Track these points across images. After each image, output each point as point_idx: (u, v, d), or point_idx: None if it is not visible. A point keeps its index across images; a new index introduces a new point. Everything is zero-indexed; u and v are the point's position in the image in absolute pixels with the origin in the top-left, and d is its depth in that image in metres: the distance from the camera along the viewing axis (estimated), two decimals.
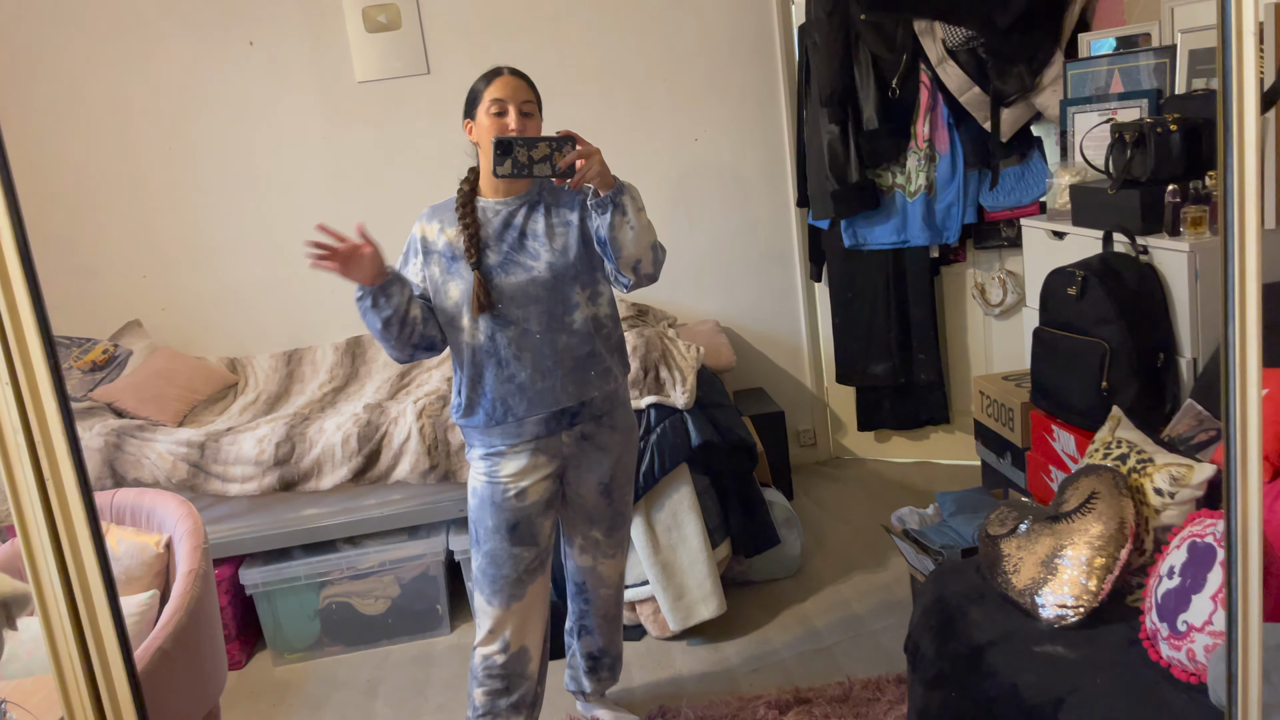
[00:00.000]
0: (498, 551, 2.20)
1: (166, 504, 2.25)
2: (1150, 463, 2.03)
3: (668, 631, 2.94)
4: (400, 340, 2.09)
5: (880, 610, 2.99)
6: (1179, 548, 1.83)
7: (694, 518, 2.89)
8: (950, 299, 3.94)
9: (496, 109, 2.06)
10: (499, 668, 2.25)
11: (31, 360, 0.98)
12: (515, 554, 2.20)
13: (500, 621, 2.23)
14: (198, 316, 3.89)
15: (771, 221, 4.07)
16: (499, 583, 2.21)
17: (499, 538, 2.19)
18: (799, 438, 4.22)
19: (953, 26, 3.36)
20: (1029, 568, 2.03)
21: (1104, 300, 2.41)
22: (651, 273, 2.10)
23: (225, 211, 3.83)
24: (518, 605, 2.23)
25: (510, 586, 2.21)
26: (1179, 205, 2.37)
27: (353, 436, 3.01)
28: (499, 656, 2.24)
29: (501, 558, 2.20)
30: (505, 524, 2.18)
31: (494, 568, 2.20)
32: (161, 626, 1.82)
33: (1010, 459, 2.95)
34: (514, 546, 2.19)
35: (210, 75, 3.73)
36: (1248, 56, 1.06)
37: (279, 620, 3.08)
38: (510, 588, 2.21)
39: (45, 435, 1.00)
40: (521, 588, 2.22)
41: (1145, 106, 2.74)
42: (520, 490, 2.18)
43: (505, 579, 2.21)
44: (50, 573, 1.04)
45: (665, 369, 3.06)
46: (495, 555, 2.20)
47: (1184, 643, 1.72)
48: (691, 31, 3.89)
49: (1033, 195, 3.50)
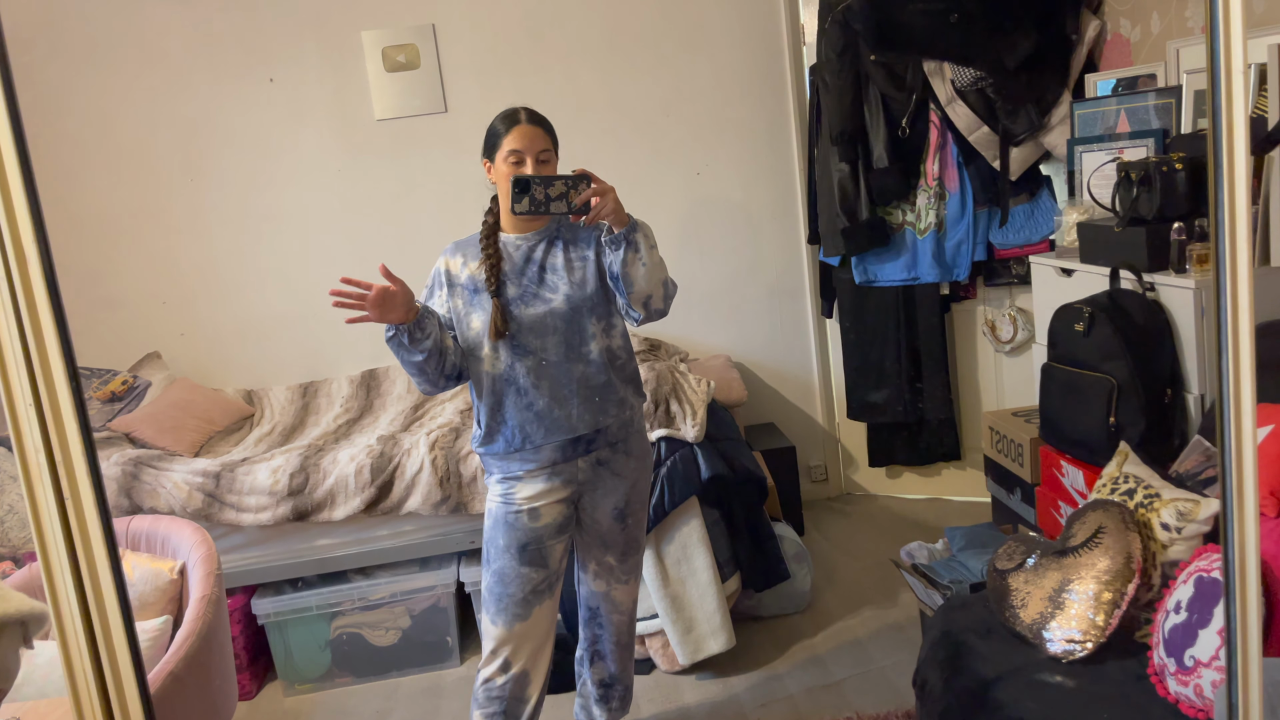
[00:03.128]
0: (506, 570, 2.22)
1: (181, 531, 2.28)
2: (1157, 498, 2.04)
3: (677, 665, 2.94)
4: (435, 372, 2.15)
5: (890, 646, 2.98)
6: (1186, 583, 1.83)
7: (704, 551, 2.90)
8: (961, 336, 3.96)
9: (514, 159, 2.13)
10: (498, 689, 2.25)
11: (55, 384, 1.01)
12: (523, 574, 2.22)
13: (502, 641, 2.24)
14: (216, 349, 3.94)
15: (783, 258, 4.11)
16: (504, 601, 2.23)
17: (508, 556, 2.22)
18: (810, 473, 4.22)
19: (962, 67, 3.40)
20: (1036, 602, 2.03)
21: (1111, 336, 2.42)
22: (662, 308, 2.17)
23: (245, 246, 3.90)
24: (521, 626, 2.24)
25: (515, 606, 2.22)
26: (1185, 243, 2.39)
27: (365, 468, 3.04)
28: (499, 678, 2.25)
29: (509, 576, 2.22)
30: (516, 543, 2.21)
31: (500, 586, 2.23)
32: (174, 651, 1.85)
33: (1020, 495, 2.95)
34: (522, 566, 2.22)
35: (232, 113, 3.81)
36: (1237, 96, 1.08)
37: (290, 650, 3.09)
38: (515, 607, 2.23)
39: (67, 458, 1.03)
40: (527, 608, 2.23)
41: (1151, 146, 2.77)
42: (534, 510, 2.21)
43: (511, 598, 2.22)
44: (69, 596, 1.07)
45: (676, 402, 3.08)
46: (503, 574, 2.22)
47: (1191, 678, 1.72)
48: (704, 71, 3.95)
49: (1042, 233, 3.52)
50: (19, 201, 0.98)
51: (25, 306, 1.00)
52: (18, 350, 1.01)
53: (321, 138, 3.86)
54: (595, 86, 3.93)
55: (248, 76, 3.80)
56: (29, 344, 1.00)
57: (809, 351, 4.18)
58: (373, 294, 1.98)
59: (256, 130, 3.84)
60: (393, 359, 3.94)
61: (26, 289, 1.00)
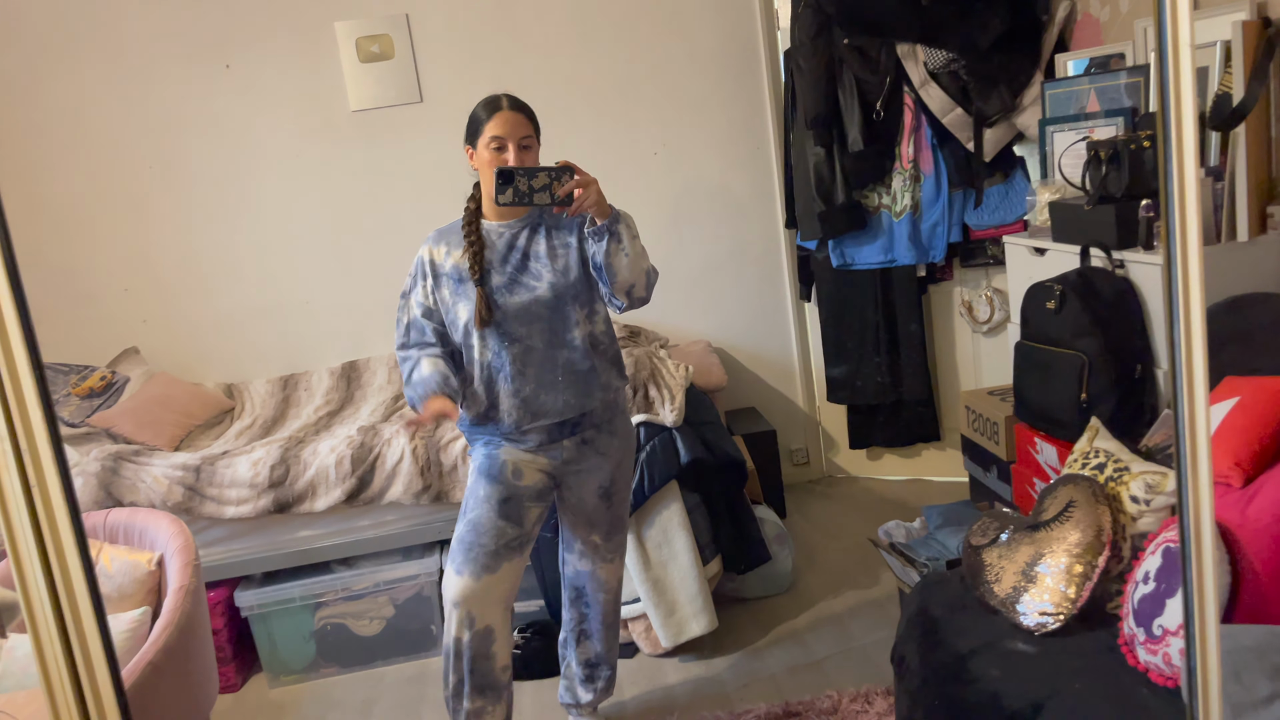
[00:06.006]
0: (482, 520, 2.23)
1: (158, 523, 2.28)
2: (1127, 471, 2.06)
3: (659, 648, 2.96)
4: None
5: (871, 625, 3.01)
6: (1154, 553, 1.86)
7: (684, 534, 2.92)
8: (938, 317, 3.98)
9: (496, 145, 2.15)
10: (464, 646, 2.25)
11: (18, 372, 1.01)
12: (499, 526, 2.24)
13: (467, 593, 2.22)
14: (194, 342, 3.93)
15: (761, 242, 4.12)
16: (475, 550, 2.23)
17: (486, 507, 2.24)
18: (791, 456, 4.25)
19: (934, 49, 3.42)
20: (1010, 576, 2.06)
21: (1082, 313, 2.45)
22: (644, 296, 2.22)
23: (222, 238, 3.89)
24: (488, 579, 2.23)
25: (486, 557, 2.23)
26: (1153, 220, 2.41)
27: (346, 459, 3.04)
28: (464, 633, 2.24)
29: (485, 526, 2.23)
30: (496, 495, 2.24)
31: (473, 535, 2.23)
32: (152, 642, 1.85)
33: (996, 473, 2.98)
34: (500, 519, 2.24)
35: (206, 105, 3.79)
36: (1184, 71, 1.10)
37: (274, 642, 3.10)
38: (485, 558, 2.23)
39: (32, 445, 1.04)
40: (496, 561, 2.24)
41: (1121, 124, 2.79)
42: (516, 469, 2.26)
43: (483, 548, 2.23)
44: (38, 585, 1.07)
45: (654, 387, 3.09)
46: (479, 523, 2.24)
47: (1160, 646, 1.75)
48: (679, 57, 3.95)
49: (1016, 214, 3.54)
50: None
51: None
52: None
53: (297, 129, 3.85)
54: (570, 73, 3.92)
55: (218, 67, 3.78)
56: None
57: (788, 335, 4.20)
58: (428, 421, 2.12)
59: (231, 122, 3.82)
60: (373, 350, 3.95)
61: None
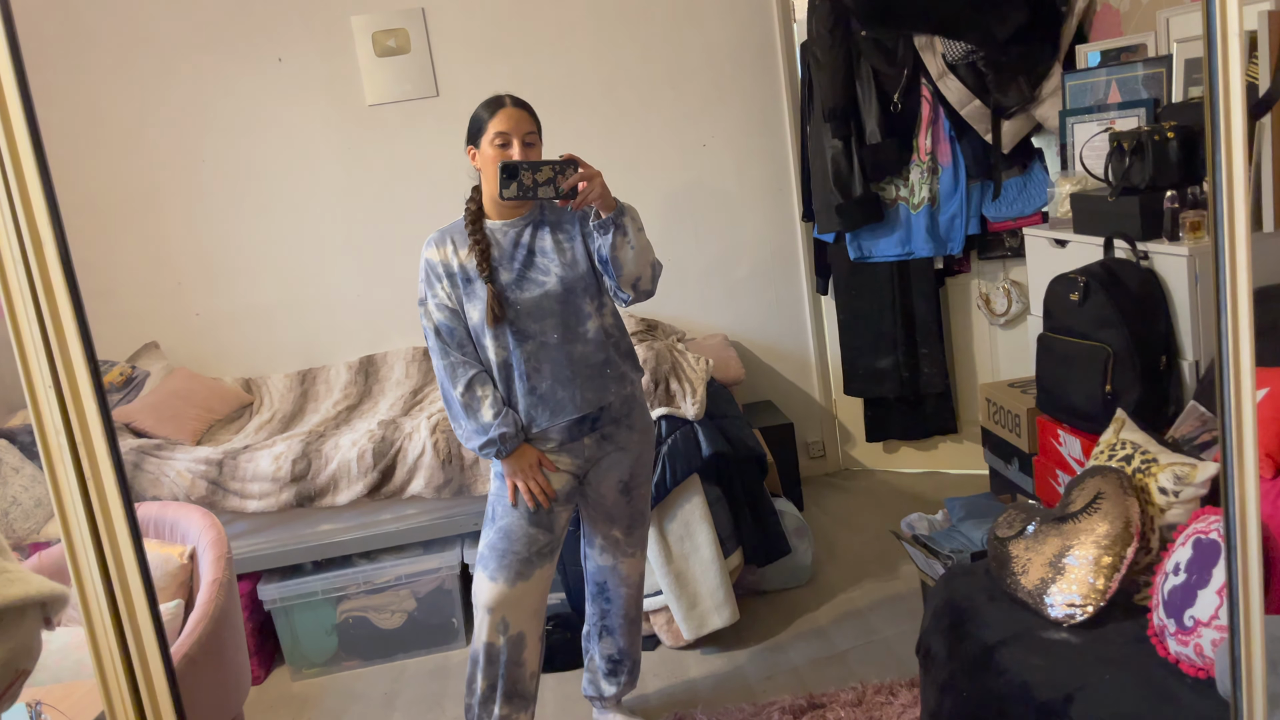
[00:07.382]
0: (513, 528, 2.25)
1: (190, 516, 2.30)
2: (1155, 463, 2.06)
3: (682, 641, 2.97)
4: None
5: (892, 617, 3.02)
6: (1184, 545, 1.86)
7: (706, 527, 2.92)
8: (956, 309, 3.98)
9: (500, 141, 2.14)
10: (497, 651, 2.27)
11: (74, 366, 1.02)
12: (531, 534, 2.25)
13: (501, 600, 2.25)
14: (213, 337, 3.94)
15: (778, 235, 4.12)
16: (508, 558, 2.25)
17: (516, 514, 2.24)
18: (808, 449, 4.25)
19: (952, 41, 3.41)
20: (1037, 568, 2.06)
21: (1106, 305, 2.45)
22: (650, 289, 2.22)
23: (239, 234, 3.90)
24: (522, 585, 2.26)
25: (519, 564, 2.25)
26: (1177, 211, 2.41)
27: (368, 452, 3.05)
28: (498, 639, 2.27)
29: (516, 534, 2.24)
30: (525, 502, 2.24)
31: (506, 542, 2.25)
32: (188, 634, 1.87)
33: (1018, 465, 2.98)
34: (531, 527, 2.25)
35: (224, 100, 3.80)
36: (1234, 60, 1.10)
37: (297, 635, 3.11)
38: (519, 565, 2.25)
39: (87, 439, 1.05)
40: (529, 568, 2.26)
41: (1143, 115, 2.78)
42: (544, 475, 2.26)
43: (516, 555, 2.25)
44: (93, 576, 1.08)
45: (675, 381, 3.10)
46: (510, 531, 2.25)
47: (1191, 638, 1.75)
48: (695, 50, 3.95)
49: (1035, 205, 3.54)
50: (34, 188, 0.99)
51: (43, 292, 1.01)
52: (36, 335, 1.02)
53: (315, 123, 3.85)
54: (585, 68, 3.92)
55: (239, 63, 3.78)
56: (47, 328, 1.02)
57: (805, 328, 4.20)
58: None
59: (248, 117, 3.82)
60: (390, 344, 3.95)
61: (44, 274, 1.01)
